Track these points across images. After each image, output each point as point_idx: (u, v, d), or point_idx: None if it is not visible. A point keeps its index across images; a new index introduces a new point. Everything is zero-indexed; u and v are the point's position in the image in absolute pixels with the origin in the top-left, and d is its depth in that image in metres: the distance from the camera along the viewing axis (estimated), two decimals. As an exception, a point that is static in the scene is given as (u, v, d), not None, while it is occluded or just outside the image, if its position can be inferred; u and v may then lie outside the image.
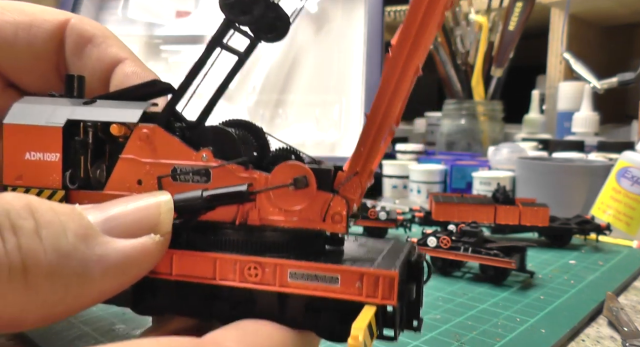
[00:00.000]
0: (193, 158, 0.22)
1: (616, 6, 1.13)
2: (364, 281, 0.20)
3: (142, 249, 0.19)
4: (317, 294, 0.20)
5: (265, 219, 0.21)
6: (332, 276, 0.20)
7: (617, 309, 0.37)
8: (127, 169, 0.22)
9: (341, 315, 0.20)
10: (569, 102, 1.10)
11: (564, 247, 0.55)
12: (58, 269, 0.16)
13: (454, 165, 0.83)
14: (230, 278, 0.21)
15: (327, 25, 1.01)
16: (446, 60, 1.05)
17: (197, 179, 0.22)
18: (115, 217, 0.19)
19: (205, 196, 0.21)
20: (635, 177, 0.59)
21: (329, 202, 0.21)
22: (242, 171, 0.22)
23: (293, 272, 0.20)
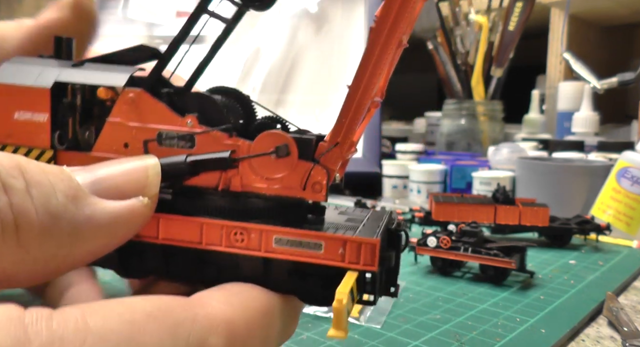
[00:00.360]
0: (178, 123, 0.22)
1: (616, 6, 1.13)
2: (347, 248, 0.21)
3: (130, 211, 0.19)
4: (301, 260, 0.21)
5: (248, 186, 0.22)
6: (316, 242, 0.21)
7: (617, 309, 0.37)
8: (114, 132, 0.22)
9: (324, 281, 0.21)
10: (569, 102, 1.10)
11: (564, 247, 0.55)
12: (49, 229, 0.17)
13: (454, 165, 0.83)
14: (217, 243, 0.21)
15: (327, 25, 1.01)
16: (446, 60, 1.05)
17: (182, 144, 0.22)
18: (104, 179, 0.19)
19: (188, 161, 0.21)
20: (635, 177, 0.59)
21: (309, 171, 0.22)
22: (226, 138, 0.22)
23: (278, 238, 0.21)
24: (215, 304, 0.18)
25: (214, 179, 0.22)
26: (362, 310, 0.35)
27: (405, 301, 0.38)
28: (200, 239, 0.21)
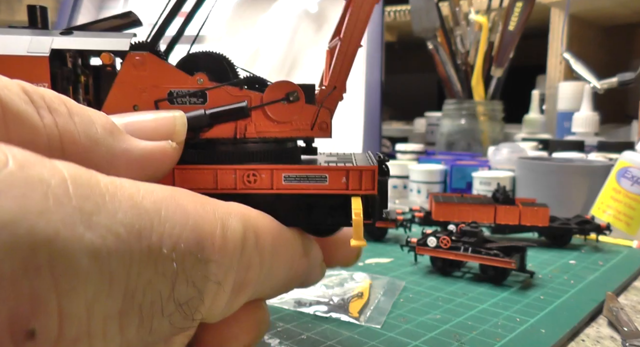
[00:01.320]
0: (189, 82, 0.23)
1: (616, 6, 1.13)
2: (350, 176, 0.24)
3: (162, 150, 0.20)
4: (309, 192, 0.23)
5: (262, 132, 0.24)
6: (321, 175, 0.23)
7: (617, 309, 0.37)
8: (121, 96, 0.23)
9: (329, 209, 0.24)
10: (569, 102, 1.10)
11: (564, 247, 0.55)
12: (89, 154, 0.18)
13: (454, 165, 0.83)
14: (231, 186, 0.23)
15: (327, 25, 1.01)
16: (446, 60, 1.05)
17: (193, 101, 0.23)
18: (135, 123, 0.20)
19: (208, 113, 0.23)
20: (635, 177, 0.59)
21: (317, 112, 0.25)
22: (237, 91, 0.24)
23: (287, 176, 0.23)
24: (234, 204, 0.20)
25: (230, 130, 0.24)
26: (362, 310, 0.35)
27: (405, 301, 0.38)
28: (215, 184, 0.23)
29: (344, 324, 0.33)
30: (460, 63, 1.06)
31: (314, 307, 0.35)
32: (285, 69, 0.97)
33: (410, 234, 0.55)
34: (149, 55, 0.23)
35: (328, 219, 0.24)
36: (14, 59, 0.22)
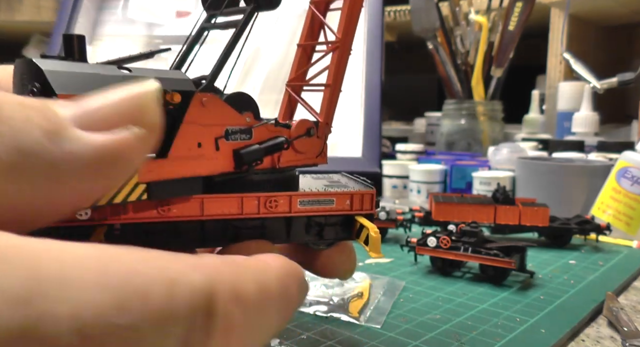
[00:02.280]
0: (240, 120, 0.26)
1: (616, 6, 1.13)
2: (353, 199, 0.28)
3: (118, 143, 0.16)
4: (320, 214, 0.27)
5: (289, 161, 0.28)
6: (329, 199, 0.27)
7: (617, 309, 0.37)
8: (189, 134, 0.24)
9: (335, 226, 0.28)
10: (569, 102, 1.10)
11: (564, 247, 0.55)
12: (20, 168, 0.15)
13: (454, 165, 0.83)
14: (254, 211, 0.26)
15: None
16: (446, 60, 1.05)
17: (243, 137, 0.26)
18: (94, 111, 0.17)
19: (263, 147, 0.26)
20: (635, 177, 0.59)
21: (323, 144, 0.29)
22: (272, 128, 0.27)
23: (302, 200, 0.27)
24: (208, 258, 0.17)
25: (269, 161, 0.27)
26: (362, 310, 0.35)
27: (405, 301, 0.38)
28: (241, 210, 0.26)
29: (344, 324, 0.33)
30: (460, 63, 1.06)
31: (314, 307, 0.35)
32: (285, 69, 0.97)
33: (410, 234, 0.55)
34: (212, 97, 0.24)
35: (336, 235, 0.28)
36: None
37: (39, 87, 0.19)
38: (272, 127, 0.27)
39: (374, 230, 0.26)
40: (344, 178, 0.32)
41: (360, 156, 0.87)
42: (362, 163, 0.86)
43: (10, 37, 1.49)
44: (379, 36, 0.96)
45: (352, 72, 0.96)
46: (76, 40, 0.21)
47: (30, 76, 0.19)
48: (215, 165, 0.25)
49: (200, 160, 0.24)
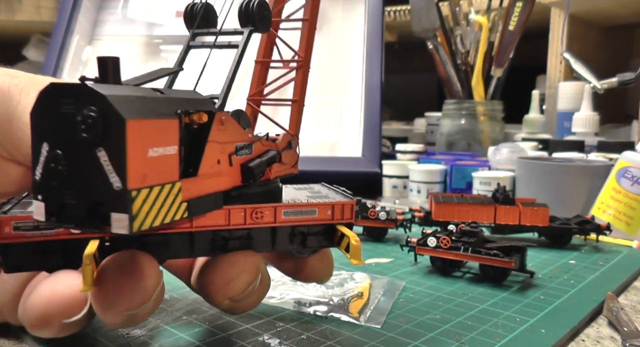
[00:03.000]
0: (245, 136, 0.27)
1: (616, 6, 1.13)
2: (335, 209, 0.29)
3: None
4: (303, 223, 0.28)
5: (276, 173, 0.30)
6: (312, 209, 0.28)
7: (617, 309, 0.37)
8: (212, 152, 0.24)
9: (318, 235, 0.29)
10: (569, 102, 1.10)
11: (564, 247, 0.55)
12: None
13: (454, 165, 0.83)
14: (241, 222, 0.27)
15: (327, 25, 1.01)
16: (446, 60, 1.05)
17: (246, 152, 0.27)
18: None
19: (264, 160, 0.28)
20: (635, 177, 0.59)
21: (297, 154, 0.32)
22: (265, 142, 0.29)
23: (286, 211, 0.28)
24: None
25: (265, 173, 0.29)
26: (362, 310, 0.35)
27: (405, 301, 0.38)
28: (228, 221, 0.26)
29: (344, 324, 0.33)
30: (460, 63, 1.06)
31: (314, 307, 0.35)
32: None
33: (410, 234, 0.55)
34: (228, 116, 0.26)
35: (318, 243, 0.29)
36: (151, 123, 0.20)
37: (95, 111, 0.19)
38: (264, 141, 0.29)
39: (354, 238, 0.27)
40: (324, 188, 0.33)
41: (360, 156, 0.87)
42: (362, 163, 0.86)
43: (10, 37, 1.49)
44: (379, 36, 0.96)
45: (352, 72, 0.96)
46: (111, 64, 0.21)
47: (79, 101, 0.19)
48: (229, 181, 0.26)
49: (220, 177, 0.25)
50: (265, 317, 0.34)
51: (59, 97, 0.19)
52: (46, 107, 0.20)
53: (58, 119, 0.19)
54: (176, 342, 0.30)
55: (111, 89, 0.20)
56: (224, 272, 0.26)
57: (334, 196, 0.31)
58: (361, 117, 0.91)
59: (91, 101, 0.19)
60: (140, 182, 0.20)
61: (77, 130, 0.19)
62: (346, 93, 0.94)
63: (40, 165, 0.20)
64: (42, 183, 0.20)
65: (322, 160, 0.87)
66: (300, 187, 0.33)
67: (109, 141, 0.19)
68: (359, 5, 1.00)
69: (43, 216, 0.20)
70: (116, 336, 0.31)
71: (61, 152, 0.20)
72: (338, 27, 1.00)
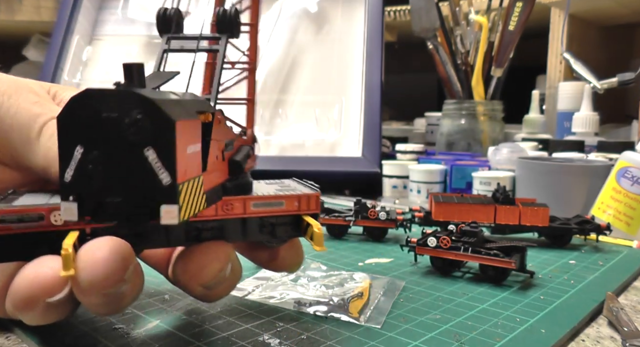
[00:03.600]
0: (230, 134, 0.30)
1: (616, 6, 1.13)
2: (301, 201, 0.30)
3: None
4: (271, 214, 0.30)
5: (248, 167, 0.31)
6: (279, 201, 0.30)
7: (617, 309, 0.37)
8: (214, 149, 0.26)
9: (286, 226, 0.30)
10: (569, 102, 1.10)
11: (564, 247, 0.55)
12: None
13: (454, 165, 0.83)
14: (212, 214, 0.28)
15: (327, 25, 1.01)
16: (446, 60, 1.05)
17: (230, 148, 0.29)
18: None
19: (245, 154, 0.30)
20: (635, 177, 0.59)
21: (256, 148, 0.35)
22: (240, 138, 0.32)
23: (255, 203, 0.29)
24: None
25: None
26: (362, 310, 0.35)
27: (405, 301, 0.38)
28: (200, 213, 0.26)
29: (344, 324, 0.33)
30: (460, 63, 1.06)
31: (314, 307, 0.35)
32: (285, 69, 0.97)
33: (410, 234, 0.56)
34: (222, 115, 0.28)
35: (286, 233, 0.31)
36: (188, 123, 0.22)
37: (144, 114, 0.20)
38: (241, 138, 0.32)
39: (317, 227, 0.28)
40: (293, 183, 0.35)
41: (360, 156, 0.87)
42: (362, 163, 0.86)
43: (10, 37, 1.49)
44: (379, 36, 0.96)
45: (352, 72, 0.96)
46: (135, 69, 0.22)
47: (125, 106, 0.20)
48: (223, 175, 0.28)
49: (218, 171, 0.27)
50: (265, 317, 0.34)
51: (99, 102, 0.21)
52: (81, 112, 0.21)
53: (97, 122, 0.21)
54: (176, 342, 0.30)
55: (152, 93, 0.21)
56: (196, 260, 0.28)
57: (302, 188, 0.32)
58: (361, 117, 0.91)
59: (139, 105, 0.20)
60: (184, 176, 0.22)
61: (124, 133, 0.20)
62: (346, 93, 0.94)
63: (72, 167, 0.21)
64: (75, 184, 0.21)
65: (322, 160, 0.87)
66: (271, 182, 0.34)
67: (157, 141, 0.20)
68: (359, 5, 1.00)
69: (75, 216, 0.21)
70: (116, 336, 0.31)
71: (99, 154, 0.21)
72: (338, 27, 1.00)
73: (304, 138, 0.91)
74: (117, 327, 0.32)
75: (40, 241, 0.25)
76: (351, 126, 0.91)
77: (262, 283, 0.40)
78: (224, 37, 0.32)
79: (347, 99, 0.93)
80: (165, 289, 0.39)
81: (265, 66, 0.97)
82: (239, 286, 0.40)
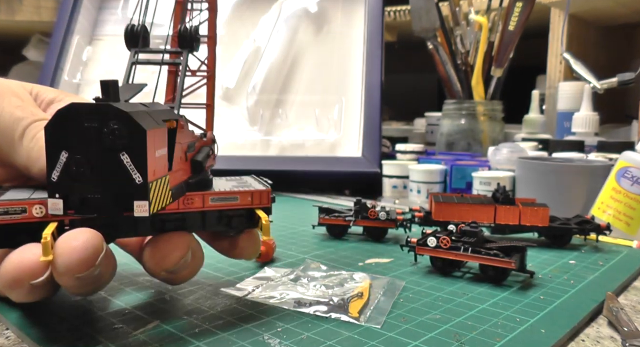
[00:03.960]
0: (192, 137, 0.34)
1: (616, 6, 1.13)
2: (254, 196, 0.34)
3: None
4: (227, 207, 0.33)
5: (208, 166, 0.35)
6: (234, 196, 0.33)
7: (617, 309, 0.37)
8: (178, 151, 0.31)
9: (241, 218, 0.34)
10: (569, 102, 1.10)
11: (564, 247, 0.55)
12: None
13: (454, 165, 0.83)
14: (175, 208, 0.32)
15: (327, 25, 1.01)
16: (446, 60, 1.05)
17: (192, 149, 0.33)
18: None
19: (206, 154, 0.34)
20: (635, 177, 0.59)
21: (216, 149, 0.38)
22: (201, 140, 0.35)
23: (212, 198, 0.33)
24: None
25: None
26: (362, 310, 0.35)
27: (405, 301, 0.38)
28: None
29: (344, 324, 0.33)
30: (460, 63, 1.06)
31: (314, 307, 0.35)
32: (285, 69, 0.97)
33: (410, 234, 0.56)
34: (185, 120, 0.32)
35: (242, 224, 0.34)
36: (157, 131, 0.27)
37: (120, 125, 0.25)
38: (201, 140, 0.35)
39: (265, 219, 0.32)
40: (250, 179, 0.38)
41: (360, 156, 0.87)
42: (362, 163, 0.86)
43: (10, 37, 1.49)
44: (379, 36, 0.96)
45: (352, 72, 0.96)
46: (111, 85, 0.27)
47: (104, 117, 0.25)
48: (186, 173, 0.33)
49: (181, 171, 0.32)
50: (265, 317, 0.34)
51: (82, 114, 0.25)
52: (65, 123, 0.25)
53: (79, 131, 0.25)
54: (176, 342, 0.30)
55: (126, 106, 0.26)
56: (160, 248, 0.32)
57: (256, 185, 0.35)
58: (361, 117, 0.91)
59: (115, 117, 0.25)
60: (153, 176, 0.26)
61: (103, 140, 0.25)
62: (346, 93, 0.94)
63: (58, 169, 0.25)
64: (61, 183, 0.26)
65: (322, 160, 0.87)
66: (230, 179, 0.38)
67: (131, 147, 0.25)
68: (359, 5, 1.00)
69: (61, 210, 0.26)
70: (116, 336, 0.31)
71: (81, 158, 0.25)
72: (338, 27, 1.00)
73: (304, 138, 0.91)
74: (117, 327, 0.32)
75: (23, 231, 0.28)
76: (351, 126, 0.91)
77: (262, 283, 0.40)
78: (185, 52, 0.36)
79: (347, 99, 0.93)
80: (166, 289, 0.39)
81: (265, 66, 0.97)
82: (239, 285, 0.40)
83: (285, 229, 0.61)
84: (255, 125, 0.93)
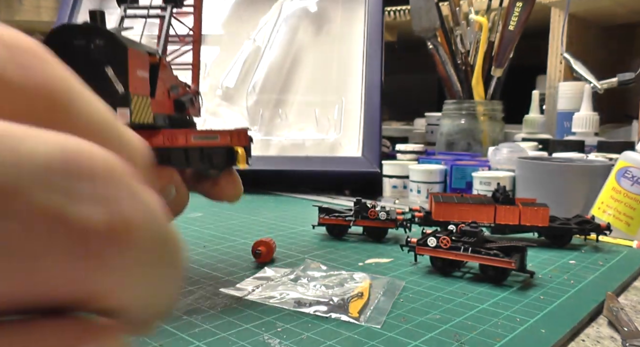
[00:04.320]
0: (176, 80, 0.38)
1: (616, 6, 1.13)
2: (233, 135, 0.37)
3: None
4: (208, 145, 0.36)
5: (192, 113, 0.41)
6: (214, 135, 0.36)
7: (617, 309, 0.37)
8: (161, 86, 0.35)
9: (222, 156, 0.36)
10: (569, 102, 1.10)
11: (564, 247, 0.55)
12: None
13: (454, 165, 0.83)
14: (160, 143, 0.34)
15: (327, 25, 1.01)
16: (446, 60, 1.05)
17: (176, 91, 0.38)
18: None
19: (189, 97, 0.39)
20: (635, 177, 0.59)
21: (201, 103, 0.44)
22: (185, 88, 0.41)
23: (194, 136, 0.36)
24: None
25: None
26: (362, 310, 0.35)
27: (405, 301, 0.38)
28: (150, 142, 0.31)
29: (344, 324, 0.33)
30: (460, 63, 1.06)
31: (314, 307, 0.35)
32: (285, 69, 0.97)
33: (410, 234, 0.56)
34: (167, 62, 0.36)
35: (222, 160, 0.37)
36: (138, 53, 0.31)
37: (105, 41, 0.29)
38: (185, 88, 0.40)
39: (241, 150, 0.36)
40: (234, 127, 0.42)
41: (360, 156, 0.87)
42: (362, 163, 0.86)
43: (10, 37, 1.48)
44: (379, 36, 0.96)
45: (352, 72, 0.96)
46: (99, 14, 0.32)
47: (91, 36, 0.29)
48: (169, 108, 0.36)
49: (165, 104, 0.35)
50: (265, 317, 0.34)
51: (72, 33, 0.29)
52: (57, 41, 0.29)
53: (70, 47, 0.29)
54: (176, 342, 0.30)
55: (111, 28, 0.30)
56: None
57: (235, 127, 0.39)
58: (361, 117, 0.91)
59: (101, 35, 0.29)
60: (134, 90, 0.30)
61: (90, 55, 0.29)
62: (346, 93, 0.94)
63: None
64: None
65: (322, 160, 0.87)
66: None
67: (114, 61, 0.29)
68: (359, 5, 1.00)
69: None
70: (116, 336, 0.31)
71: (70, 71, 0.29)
72: (338, 27, 1.00)
73: (304, 138, 0.91)
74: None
75: None
76: (351, 126, 0.91)
77: (262, 283, 0.40)
78: (169, 7, 0.40)
79: (347, 99, 0.93)
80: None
81: (265, 66, 0.97)
82: (239, 285, 0.40)
83: (285, 229, 0.61)
84: (255, 125, 0.93)
